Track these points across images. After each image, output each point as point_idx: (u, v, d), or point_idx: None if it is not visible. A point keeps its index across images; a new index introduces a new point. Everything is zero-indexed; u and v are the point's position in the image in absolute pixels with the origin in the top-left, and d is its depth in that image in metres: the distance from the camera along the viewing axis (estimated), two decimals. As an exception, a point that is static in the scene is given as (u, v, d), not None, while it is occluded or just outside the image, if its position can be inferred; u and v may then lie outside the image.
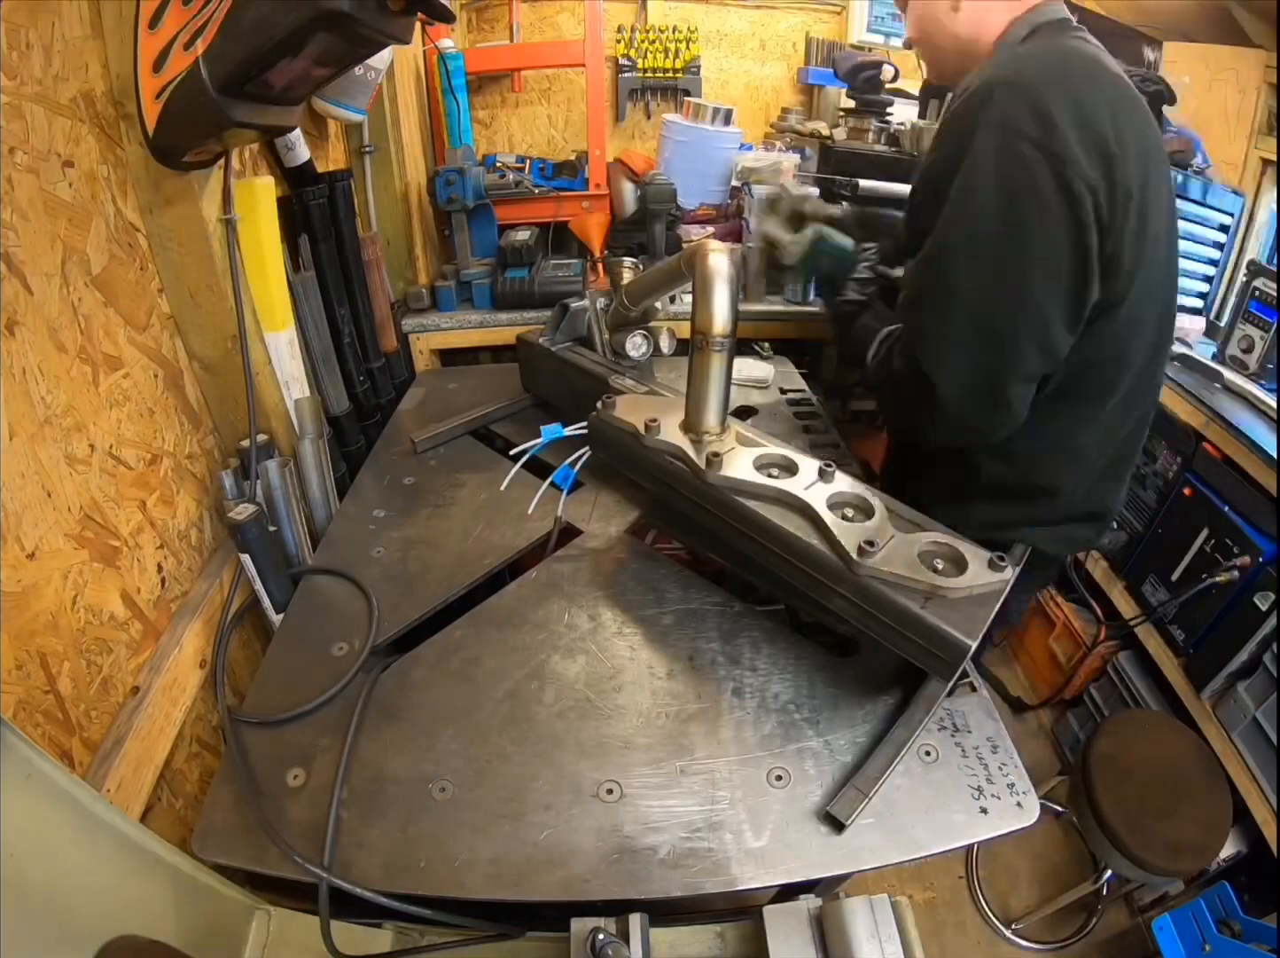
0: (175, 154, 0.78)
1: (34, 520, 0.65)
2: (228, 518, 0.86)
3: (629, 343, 1.19)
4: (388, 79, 1.42)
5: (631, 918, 0.58)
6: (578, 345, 1.24)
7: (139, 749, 0.73)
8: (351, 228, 1.26)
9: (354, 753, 0.71)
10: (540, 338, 1.24)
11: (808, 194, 1.17)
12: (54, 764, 0.42)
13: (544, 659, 0.81)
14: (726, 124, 1.76)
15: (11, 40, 0.65)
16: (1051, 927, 1.46)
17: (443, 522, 1.04)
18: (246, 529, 0.85)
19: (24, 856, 0.39)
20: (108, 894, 0.45)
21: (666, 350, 1.22)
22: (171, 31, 0.69)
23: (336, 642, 0.84)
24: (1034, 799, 0.69)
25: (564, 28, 1.96)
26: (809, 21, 2.08)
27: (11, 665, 0.62)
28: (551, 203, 1.75)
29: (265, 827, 0.61)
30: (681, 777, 0.69)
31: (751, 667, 0.81)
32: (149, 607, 0.82)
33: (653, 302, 1.15)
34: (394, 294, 1.54)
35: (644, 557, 0.97)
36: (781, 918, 0.60)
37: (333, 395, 1.21)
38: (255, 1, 0.65)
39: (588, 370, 1.15)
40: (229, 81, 0.69)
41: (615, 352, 1.21)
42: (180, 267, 0.87)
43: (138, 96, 0.73)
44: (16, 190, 0.65)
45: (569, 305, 1.22)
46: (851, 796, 0.66)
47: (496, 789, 0.68)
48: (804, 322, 1.64)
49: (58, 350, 0.70)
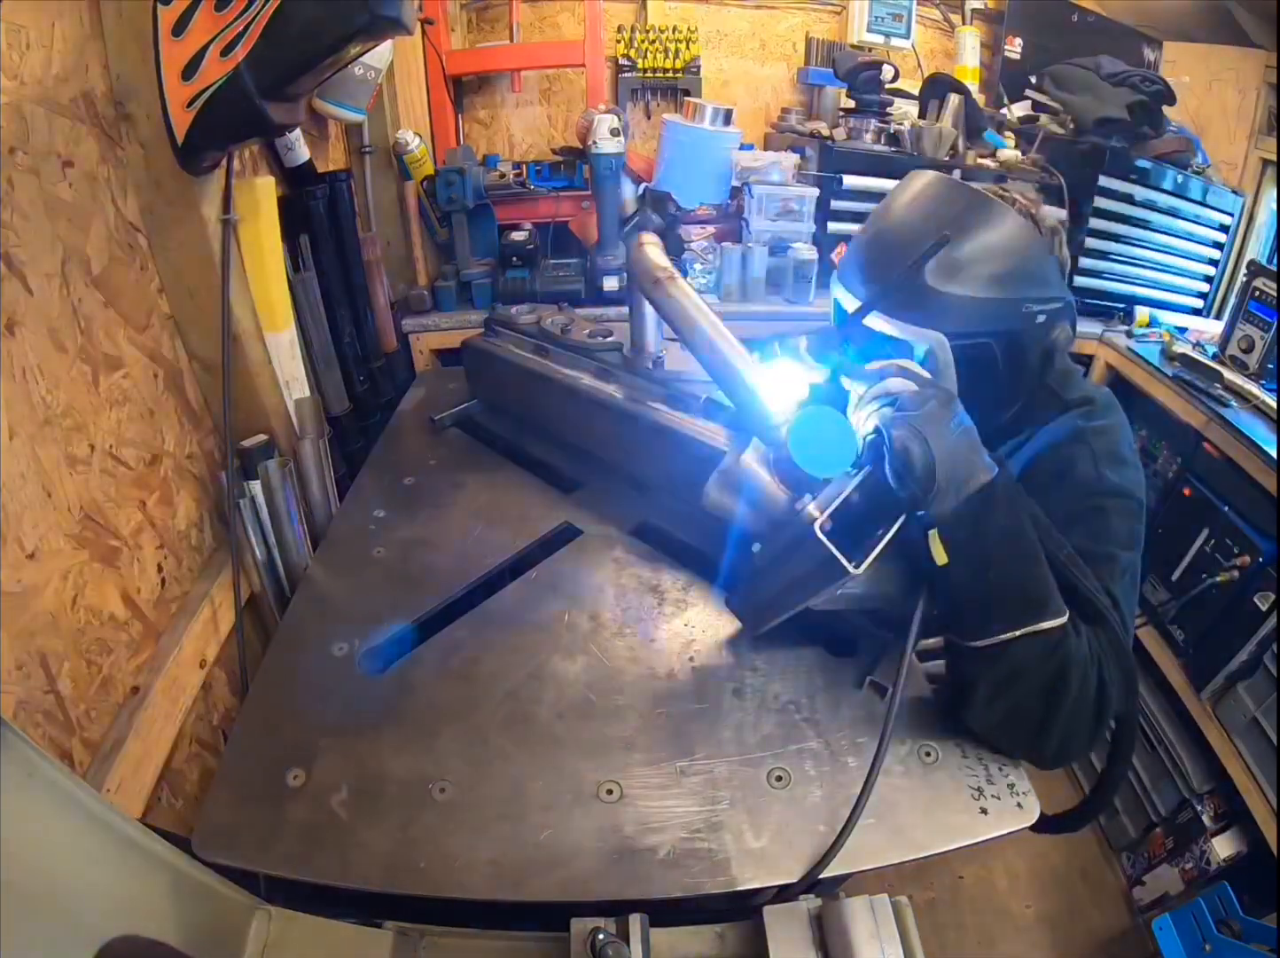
0: (203, 160, 0.79)
1: (34, 521, 0.65)
2: (239, 446, 0.89)
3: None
4: (388, 79, 1.42)
5: (631, 918, 0.58)
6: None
7: (139, 749, 0.73)
8: (351, 228, 1.26)
9: (354, 753, 0.71)
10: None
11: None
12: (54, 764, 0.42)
13: (544, 660, 0.81)
14: (726, 124, 1.76)
15: (11, 40, 0.65)
16: (1052, 927, 1.46)
17: (443, 522, 1.04)
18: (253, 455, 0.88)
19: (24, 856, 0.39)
20: (108, 894, 0.45)
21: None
22: (202, 39, 0.70)
23: (336, 642, 0.84)
24: (1034, 800, 0.68)
25: (564, 28, 1.96)
26: (809, 21, 2.08)
27: (11, 666, 0.62)
28: (551, 203, 1.75)
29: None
30: (681, 777, 0.69)
31: (751, 667, 0.81)
32: (149, 607, 0.82)
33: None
34: (394, 294, 1.54)
35: (644, 557, 0.97)
36: (781, 918, 0.60)
37: (333, 395, 1.21)
38: (302, 7, 0.66)
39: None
40: (273, 85, 0.71)
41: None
42: (180, 266, 0.87)
43: (163, 105, 0.74)
44: (17, 190, 0.65)
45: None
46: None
47: (496, 790, 0.68)
48: (804, 322, 1.64)
49: (58, 350, 0.70)
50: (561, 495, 1.08)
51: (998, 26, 2.08)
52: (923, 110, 1.80)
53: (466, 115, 1.93)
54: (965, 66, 2.06)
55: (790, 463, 0.64)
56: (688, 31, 1.96)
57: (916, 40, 2.03)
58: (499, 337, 1.23)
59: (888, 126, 1.77)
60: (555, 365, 1.13)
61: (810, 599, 0.69)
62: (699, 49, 1.99)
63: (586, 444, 1.12)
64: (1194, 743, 1.42)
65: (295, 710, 0.75)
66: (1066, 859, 1.58)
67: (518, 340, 1.20)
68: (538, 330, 1.17)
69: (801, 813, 0.66)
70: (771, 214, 1.65)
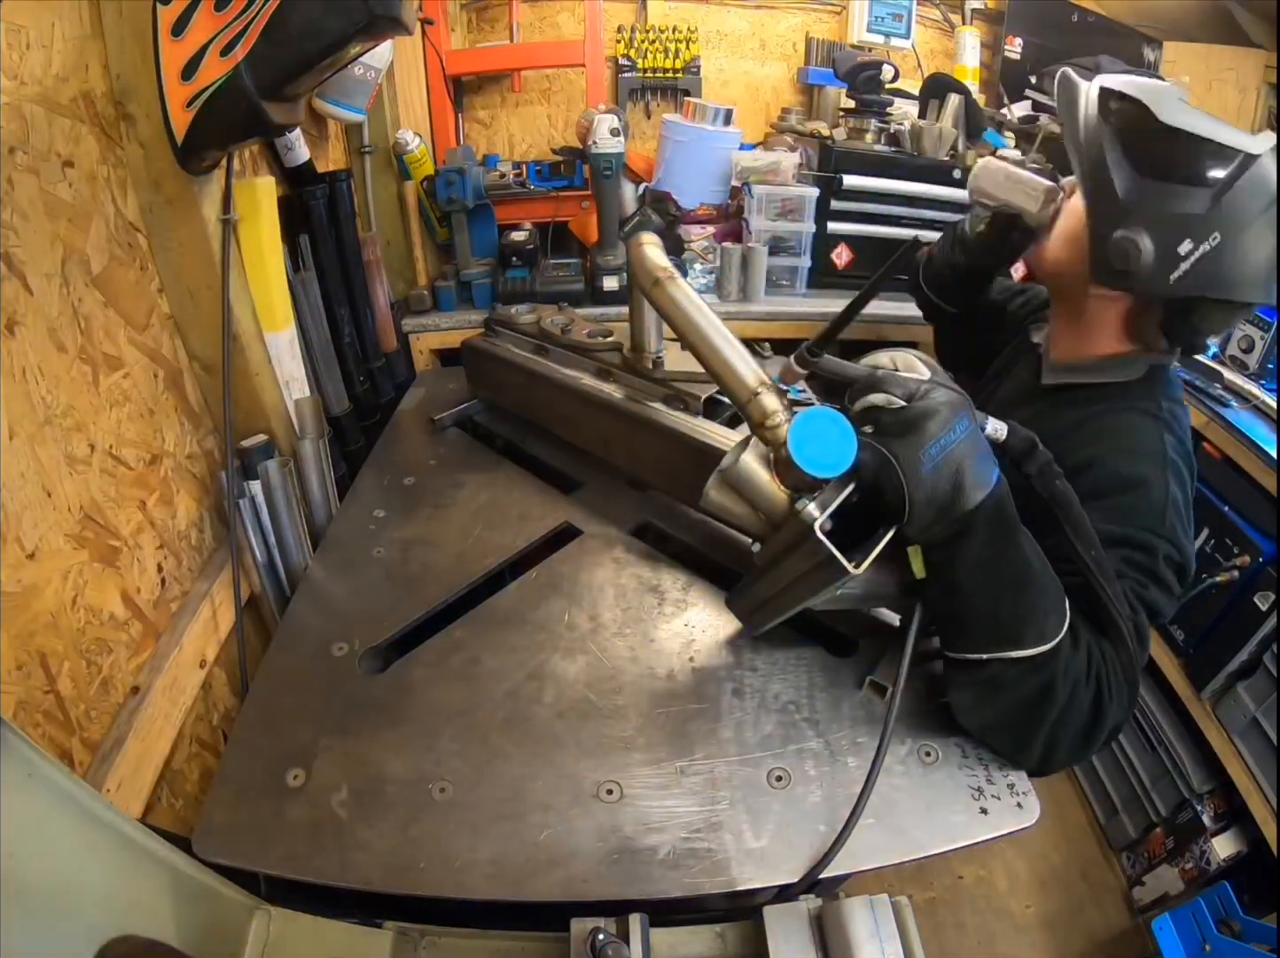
0: (203, 160, 0.79)
1: (34, 520, 0.65)
2: (239, 446, 0.89)
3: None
4: (388, 79, 1.42)
5: (631, 918, 0.58)
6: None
7: (139, 749, 0.73)
8: (351, 228, 1.26)
9: (354, 753, 0.71)
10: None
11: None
12: (54, 764, 0.42)
13: (544, 660, 0.81)
14: (726, 124, 1.76)
15: (11, 40, 0.65)
16: (1051, 927, 1.46)
17: (443, 522, 1.04)
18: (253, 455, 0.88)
19: (24, 856, 0.39)
20: (108, 894, 0.45)
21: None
22: (202, 39, 0.70)
23: (336, 642, 0.84)
24: (1034, 800, 0.68)
25: (564, 28, 1.96)
26: (809, 21, 2.08)
27: (11, 665, 0.62)
28: (551, 203, 1.75)
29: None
30: (681, 777, 0.69)
31: (751, 667, 0.81)
32: (149, 607, 0.82)
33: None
34: (394, 294, 1.54)
35: (644, 557, 0.97)
36: (781, 918, 0.60)
37: (333, 395, 1.21)
38: (302, 6, 0.67)
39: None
40: (273, 85, 0.71)
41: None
42: (180, 266, 0.87)
43: (163, 105, 0.74)
44: (16, 190, 0.65)
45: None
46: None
47: (496, 790, 0.68)
48: (804, 322, 1.64)
49: (58, 350, 0.70)
50: (561, 495, 1.09)
51: (998, 26, 2.08)
52: (923, 110, 1.80)
53: (466, 115, 1.93)
54: (965, 66, 2.06)
55: (790, 463, 0.63)
56: (688, 31, 1.96)
57: (916, 40, 2.02)
58: (499, 336, 1.23)
59: (888, 126, 1.77)
60: (555, 365, 1.13)
61: (810, 600, 0.69)
62: (699, 49, 1.99)
63: (587, 444, 1.12)
64: (1194, 743, 1.42)
65: (295, 711, 0.75)
66: (1066, 859, 1.58)
67: (518, 340, 1.20)
68: (538, 330, 1.17)
69: (801, 813, 0.66)
70: (771, 214, 1.65)
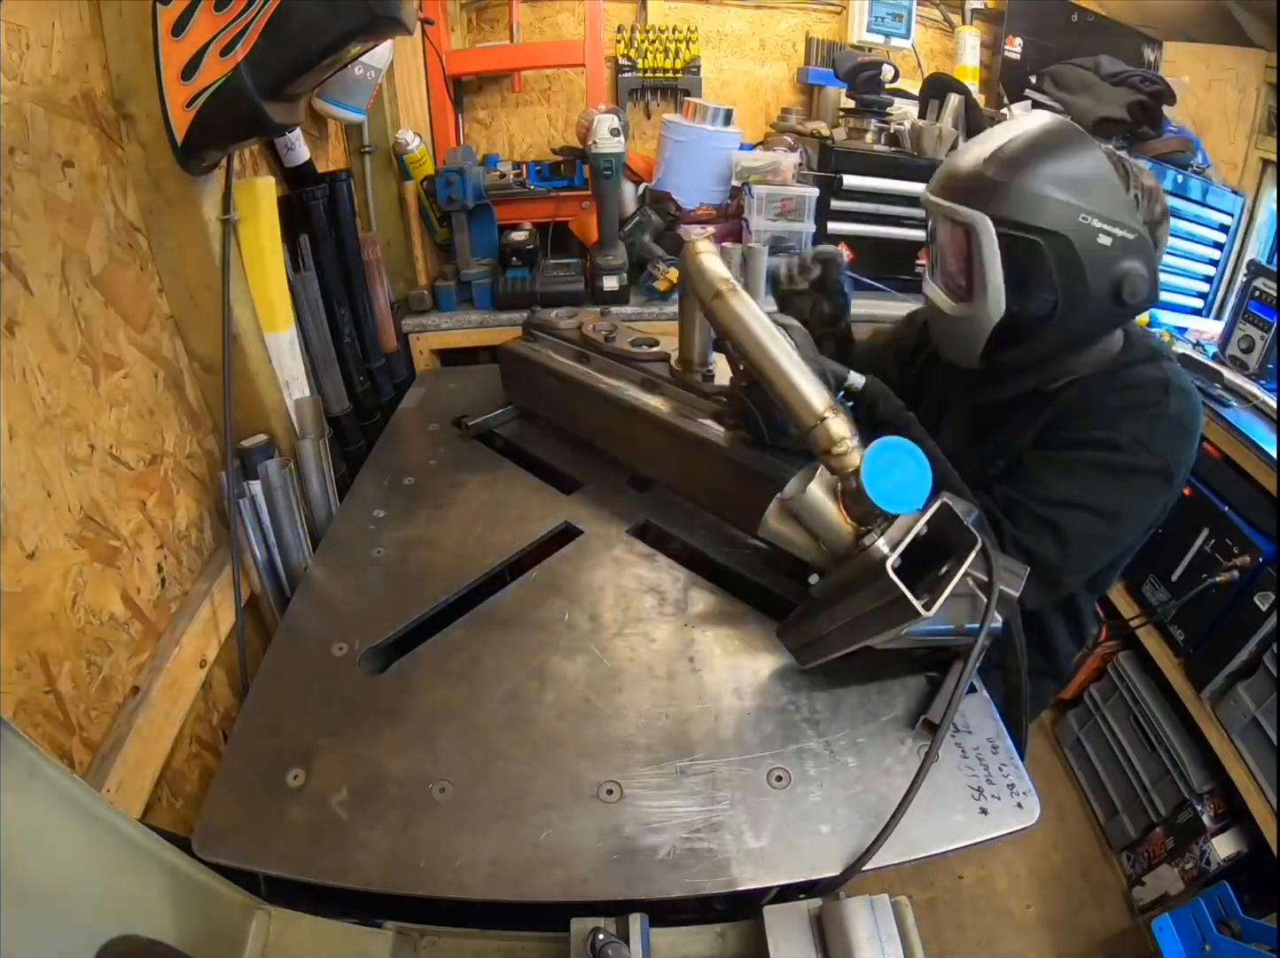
0: (203, 160, 0.79)
1: (34, 521, 0.65)
2: (239, 446, 0.89)
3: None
4: (388, 79, 1.42)
5: (631, 918, 0.58)
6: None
7: (139, 749, 0.73)
8: (351, 228, 1.26)
9: (354, 753, 0.71)
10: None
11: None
12: (54, 764, 0.42)
13: (544, 660, 0.81)
14: (726, 124, 1.76)
15: (11, 40, 0.65)
16: (1052, 927, 1.46)
17: (443, 522, 1.04)
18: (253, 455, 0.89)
19: (24, 856, 0.39)
20: (108, 894, 0.45)
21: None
22: (202, 38, 0.70)
23: (336, 642, 0.84)
24: (1034, 800, 0.68)
25: (564, 28, 1.96)
26: (809, 21, 2.08)
27: (11, 665, 0.62)
28: (551, 203, 1.75)
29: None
30: (682, 777, 0.69)
31: (752, 667, 0.81)
32: (149, 607, 0.82)
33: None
34: (394, 294, 1.54)
35: (644, 557, 0.97)
36: (782, 918, 0.60)
37: (333, 395, 1.21)
38: (302, 6, 0.67)
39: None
40: (273, 85, 0.71)
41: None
42: (180, 267, 0.87)
43: (163, 105, 0.74)
44: (16, 190, 0.65)
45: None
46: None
47: (496, 790, 0.68)
48: (804, 322, 1.63)
49: (58, 350, 0.70)
50: (561, 495, 1.08)
51: (998, 26, 2.08)
52: (923, 110, 1.80)
53: (466, 115, 1.93)
54: (965, 66, 2.06)
55: (862, 495, 0.60)
56: (688, 31, 1.96)
57: (916, 40, 2.02)
58: (537, 341, 1.19)
59: (888, 126, 1.77)
60: (598, 374, 1.08)
61: (872, 638, 0.67)
62: (699, 49, 1.99)
63: (632, 460, 1.08)
64: (1194, 743, 1.42)
65: (295, 711, 0.75)
66: (1066, 859, 1.58)
67: (557, 346, 1.16)
68: (580, 337, 1.13)
69: (802, 813, 0.66)
70: (771, 214, 1.65)
